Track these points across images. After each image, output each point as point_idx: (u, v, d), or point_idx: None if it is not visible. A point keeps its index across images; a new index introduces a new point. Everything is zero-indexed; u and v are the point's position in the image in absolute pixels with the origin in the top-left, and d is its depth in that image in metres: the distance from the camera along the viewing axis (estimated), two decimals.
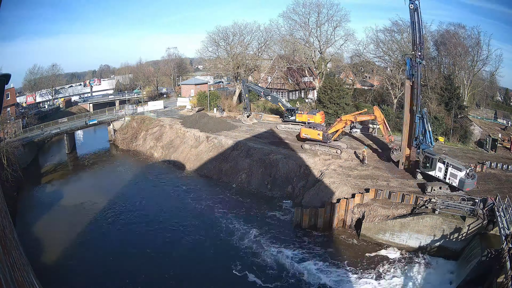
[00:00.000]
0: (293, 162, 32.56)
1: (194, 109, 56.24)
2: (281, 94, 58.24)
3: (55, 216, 27.76)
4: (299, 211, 25.45)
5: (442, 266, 21.00)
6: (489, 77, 61.22)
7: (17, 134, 43.31)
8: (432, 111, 41.56)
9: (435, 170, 25.89)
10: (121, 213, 28.12)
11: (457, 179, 24.52)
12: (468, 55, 52.64)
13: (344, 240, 24.07)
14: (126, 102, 68.79)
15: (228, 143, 38.07)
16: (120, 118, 51.73)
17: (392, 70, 49.77)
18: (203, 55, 61.30)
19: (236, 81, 58.54)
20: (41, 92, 67.44)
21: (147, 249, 22.84)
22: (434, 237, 21.95)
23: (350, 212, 25.31)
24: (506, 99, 72.67)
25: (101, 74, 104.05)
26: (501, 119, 53.03)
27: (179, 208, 29.08)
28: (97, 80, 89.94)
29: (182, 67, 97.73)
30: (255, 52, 58.81)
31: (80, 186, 34.67)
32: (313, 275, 20.22)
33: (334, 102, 44.04)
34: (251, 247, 23.03)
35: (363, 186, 26.96)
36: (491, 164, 31.00)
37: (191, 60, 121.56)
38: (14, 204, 28.96)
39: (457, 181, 24.52)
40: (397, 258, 21.85)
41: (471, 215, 21.41)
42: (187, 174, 37.13)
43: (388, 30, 49.10)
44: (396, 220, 22.96)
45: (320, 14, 50.16)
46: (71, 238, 24.06)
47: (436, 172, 25.86)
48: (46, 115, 58.04)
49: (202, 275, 20.42)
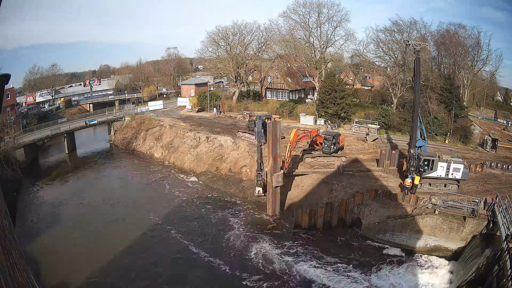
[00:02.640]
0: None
1: (194, 109, 56.29)
2: (281, 94, 58.23)
3: (55, 216, 27.75)
4: (299, 211, 25.44)
5: (442, 266, 21.01)
6: (489, 77, 61.20)
7: (17, 134, 43.31)
8: (432, 111, 41.60)
9: (436, 171, 25.74)
10: (121, 213, 28.13)
11: (460, 172, 25.29)
12: (468, 55, 52.63)
13: (344, 240, 24.03)
14: (126, 102, 68.81)
15: (228, 143, 38.10)
16: (120, 118, 51.76)
17: (392, 70, 49.74)
18: (203, 55, 61.36)
19: (236, 81, 58.54)
20: (41, 92, 67.41)
21: (147, 249, 22.87)
22: (434, 237, 21.94)
23: (350, 212, 25.33)
24: (506, 99, 72.70)
25: (101, 74, 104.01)
26: (501, 119, 53.04)
27: (178, 208, 29.09)
28: (97, 80, 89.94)
29: (182, 67, 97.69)
30: (255, 52, 58.80)
31: (80, 186, 34.68)
32: (313, 275, 20.20)
33: (335, 102, 44.04)
34: (250, 248, 23.03)
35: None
36: (491, 164, 31.01)
37: (191, 60, 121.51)
38: (14, 204, 28.96)
39: (461, 174, 25.31)
40: (397, 258, 21.84)
41: (471, 215, 21.41)
42: (187, 174, 37.13)
43: (388, 30, 49.06)
44: (396, 220, 22.96)
45: (320, 14, 50.09)
46: (71, 238, 24.07)
47: (438, 172, 25.79)
48: (46, 115, 58.06)
49: (196, 276, 20.42)
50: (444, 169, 25.64)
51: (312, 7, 50.33)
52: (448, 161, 25.60)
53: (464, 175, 25.41)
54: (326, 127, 42.15)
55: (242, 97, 59.12)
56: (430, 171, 25.85)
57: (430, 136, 40.38)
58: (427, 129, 40.63)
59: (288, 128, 44.35)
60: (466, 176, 25.62)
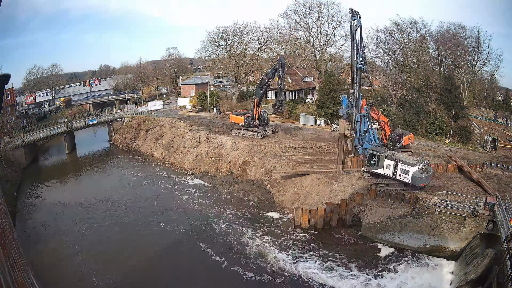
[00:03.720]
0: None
1: (194, 109, 56.30)
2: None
3: (55, 216, 27.75)
4: (299, 211, 25.44)
5: (442, 266, 21.00)
6: (489, 77, 61.23)
7: (17, 134, 43.32)
8: (432, 111, 41.63)
9: (382, 167, 25.09)
10: (120, 213, 28.13)
11: (409, 175, 23.79)
12: (468, 55, 52.66)
13: (344, 240, 24.04)
14: (126, 102, 68.80)
15: (228, 143, 38.10)
16: (120, 118, 51.76)
17: (392, 70, 49.77)
18: (203, 55, 61.42)
19: (236, 81, 58.54)
20: (41, 92, 67.40)
21: (147, 249, 22.87)
22: (434, 237, 21.94)
23: (350, 212, 25.32)
24: (506, 99, 72.66)
25: (101, 74, 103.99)
26: (501, 119, 53.04)
27: (178, 208, 29.09)
28: (97, 80, 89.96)
29: (182, 67, 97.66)
30: (255, 52, 58.81)
31: (79, 186, 34.70)
32: (313, 275, 20.20)
33: (335, 102, 44.04)
34: (250, 248, 23.03)
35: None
36: (491, 164, 30.99)
37: (191, 60, 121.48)
38: (14, 204, 28.97)
39: (410, 177, 23.82)
40: (397, 258, 21.83)
41: (471, 215, 21.40)
42: (186, 174, 37.13)
43: (388, 30, 49.12)
44: (396, 220, 22.95)
45: (321, 14, 50.16)
46: (71, 238, 24.07)
47: (384, 170, 25.01)
48: (46, 115, 58.07)
49: (196, 274, 20.42)
50: (391, 168, 24.38)
51: (312, 7, 50.43)
52: (396, 160, 24.17)
53: (416, 180, 23.19)
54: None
55: (242, 97, 59.13)
56: (377, 166, 25.37)
57: (430, 136, 40.48)
58: (428, 129, 40.72)
59: (288, 128, 44.49)
60: (421, 183, 23.42)
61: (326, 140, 38.83)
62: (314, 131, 43.21)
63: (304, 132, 42.87)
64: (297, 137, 40.32)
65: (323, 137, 40.01)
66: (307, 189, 29.11)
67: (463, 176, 28.25)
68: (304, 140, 38.67)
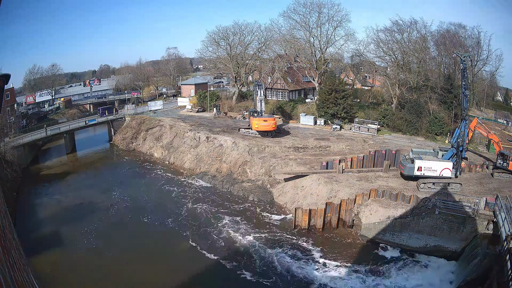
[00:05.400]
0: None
1: (194, 109, 56.30)
2: (281, 94, 58.21)
3: (54, 216, 27.72)
4: (299, 211, 25.43)
5: (442, 266, 21.00)
6: (489, 77, 61.19)
7: (17, 134, 43.32)
8: (432, 111, 41.62)
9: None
10: (120, 213, 28.13)
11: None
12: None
13: (344, 240, 24.04)
14: (126, 102, 68.81)
15: (228, 143, 38.09)
16: (120, 118, 51.75)
17: (392, 70, 49.72)
18: (203, 55, 61.36)
19: (236, 81, 58.51)
20: (41, 92, 67.42)
21: (147, 249, 22.87)
22: (434, 237, 21.93)
23: (350, 212, 25.31)
24: (506, 99, 72.63)
25: (101, 74, 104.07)
26: (501, 119, 53.00)
27: (178, 208, 29.08)
28: (97, 80, 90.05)
29: (182, 67, 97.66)
30: (255, 52, 58.76)
31: (79, 186, 34.63)
32: (313, 275, 20.20)
33: (335, 102, 44.03)
34: (250, 248, 23.03)
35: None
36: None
37: (191, 60, 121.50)
38: (13, 204, 28.95)
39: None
40: (397, 258, 21.84)
41: (471, 215, 21.39)
42: (186, 174, 37.13)
43: (389, 30, 49.03)
44: (396, 220, 22.95)
45: (321, 14, 50.10)
46: (71, 238, 24.05)
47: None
48: (46, 115, 58.06)
49: (195, 272, 20.42)
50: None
51: (313, 7, 50.37)
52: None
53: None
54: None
55: (242, 97, 59.12)
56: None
57: (430, 136, 40.50)
58: (428, 129, 40.72)
59: (289, 128, 44.47)
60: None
61: (326, 140, 38.82)
62: (314, 131, 43.23)
63: (304, 132, 42.90)
64: (297, 137, 40.33)
65: (323, 137, 40.03)
66: (307, 189, 29.12)
67: (463, 176, 28.25)
68: (304, 140, 38.67)
